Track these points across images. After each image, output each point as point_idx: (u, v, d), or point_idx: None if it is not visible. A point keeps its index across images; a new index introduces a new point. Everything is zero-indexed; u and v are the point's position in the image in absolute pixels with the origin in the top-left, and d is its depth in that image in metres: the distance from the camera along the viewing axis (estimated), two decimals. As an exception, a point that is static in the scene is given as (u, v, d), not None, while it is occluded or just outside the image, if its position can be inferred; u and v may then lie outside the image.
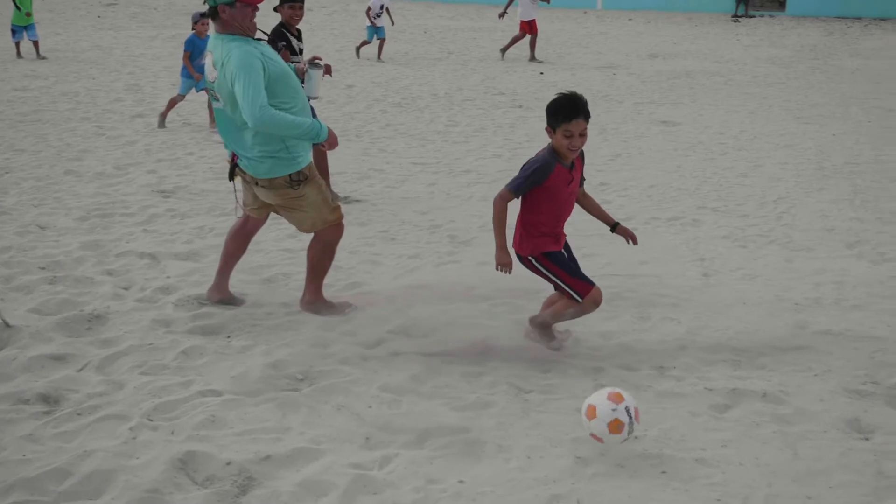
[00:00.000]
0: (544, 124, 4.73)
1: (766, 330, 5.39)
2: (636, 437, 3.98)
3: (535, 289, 5.95)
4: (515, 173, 4.80)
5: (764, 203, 8.25)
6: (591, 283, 4.79)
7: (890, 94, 15.12)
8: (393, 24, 19.95)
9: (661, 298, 5.86)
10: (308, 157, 5.21)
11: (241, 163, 5.16)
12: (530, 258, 4.84)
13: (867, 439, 4.17)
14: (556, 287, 4.86)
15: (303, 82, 6.16)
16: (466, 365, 4.82)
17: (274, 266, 6.30)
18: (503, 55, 18.82)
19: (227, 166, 5.27)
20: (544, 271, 4.83)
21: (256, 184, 5.18)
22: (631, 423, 3.83)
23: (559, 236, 4.87)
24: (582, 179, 4.87)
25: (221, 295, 5.54)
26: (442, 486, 3.72)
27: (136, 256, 6.39)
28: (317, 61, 5.27)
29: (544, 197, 4.69)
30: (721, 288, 6.09)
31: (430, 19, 26.98)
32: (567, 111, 4.49)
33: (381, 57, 17.96)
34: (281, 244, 6.77)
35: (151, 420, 4.14)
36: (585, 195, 5.01)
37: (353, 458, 3.90)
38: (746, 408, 4.42)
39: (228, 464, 3.80)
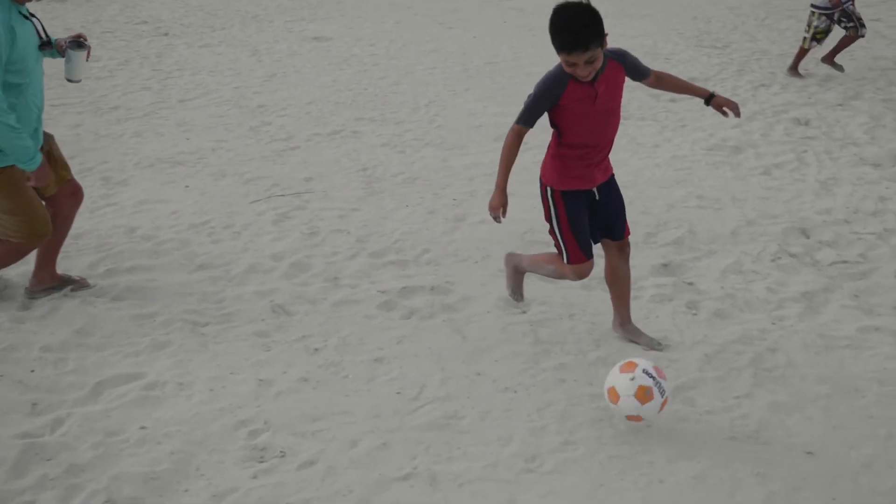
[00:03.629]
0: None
1: (429, 228, 5.67)
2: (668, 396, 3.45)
3: (200, 222, 5.80)
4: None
5: (417, 108, 8.56)
6: (587, 256, 3.95)
7: (521, -6, 16.15)
8: None
9: (328, 212, 5.94)
10: (8, 161, 4.24)
11: None
12: (548, 188, 3.95)
13: (524, 312, 4.56)
14: (550, 232, 4.03)
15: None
16: (137, 308, 4.61)
17: None
18: None
19: None
20: (551, 209, 3.95)
21: None
22: (658, 383, 3.36)
23: (596, 166, 3.89)
24: (639, 73, 3.89)
25: (53, 281, 4.77)
26: (123, 437, 3.57)
27: None
28: (80, 41, 4.46)
29: (567, 120, 3.75)
30: (384, 194, 6.29)
31: (54, -53, 24.64)
32: (560, 42, 3.51)
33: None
34: None
35: None
36: (659, 78, 4.00)
37: (20, 428, 3.62)
38: (417, 302, 4.65)
39: None
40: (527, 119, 3.76)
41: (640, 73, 3.92)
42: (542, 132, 3.96)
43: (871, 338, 4.29)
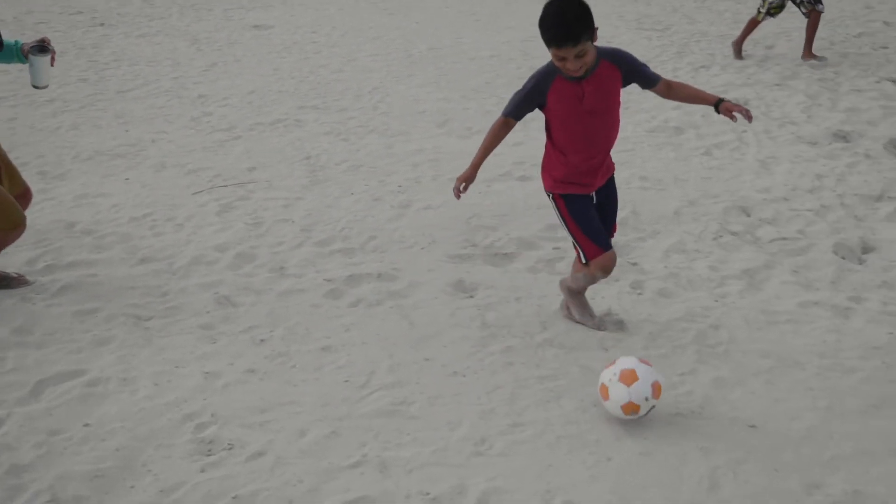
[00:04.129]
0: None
1: (374, 215, 5.64)
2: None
3: (142, 215, 5.71)
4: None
5: (360, 95, 8.52)
6: (603, 248, 3.90)
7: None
8: None
9: (272, 202, 5.89)
10: None
11: None
12: (549, 194, 3.95)
13: (471, 297, 4.57)
14: (571, 239, 4.00)
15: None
16: (78, 304, 4.52)
17: None
18: None
19: None
20: (557, 216, 3.97)
21: None
22: (649, 404, 3.41)
23: (589, 173, 3.85)
24: (643, 78, 3.80)
25: None
26: (66, 435, 3.50)
27: None
28: (44, 45, 4.30)
29: (554, 121, 3.75)
30: (328, 183, 6.25)
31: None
32: (550, 35, 3.48)
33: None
34: None
35: None
36: (670, 86, 3.87)
37: (-42, 430, 3.54)
38: (364, 290, 4.64)
39: None
40: (513, 112, 3.77)
41: (644, 78, 3.78)
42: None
43: (811, 312, 4.38)
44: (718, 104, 3.82)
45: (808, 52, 9.34)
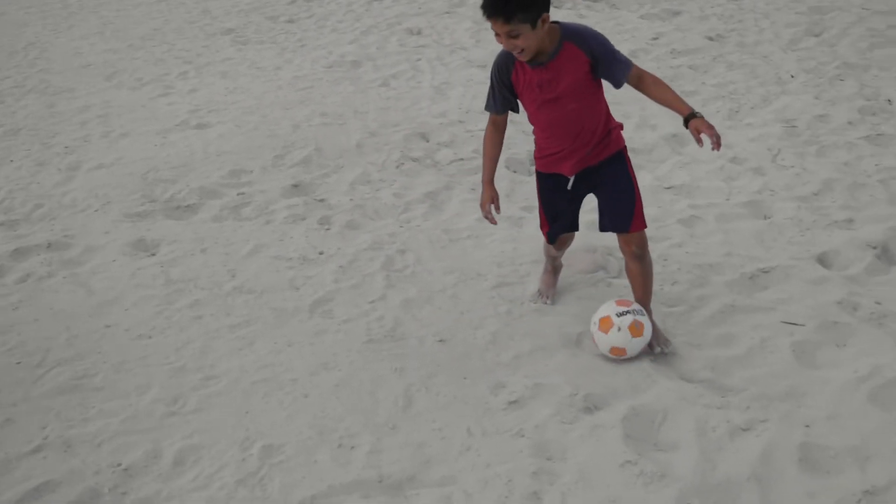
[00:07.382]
0: None
1: (39, 181, 5.21)
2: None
3: None
4: None
5: (14, 52, 7.80)
6: (549, 239, 3.67)
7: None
8: None
9: (-84, 179, 5.25)
10: None
11: None
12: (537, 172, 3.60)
13: (153, 254, 4.36)
14: None
15: None
16: None
17: None
18: None
19: None
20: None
21: None
22: (619, 358, 3.37)
23: (562, 160, 3.42)
24: (610, 69, 3.19)
25: None
26: None
27: None
28: None
29: (525, 107, 3.38)
30: None
31: None
32: (483, 2, 3.03)
33: None
34: None
35: None
36: (641, 80, 3.23)
37: None
38: (33, 263, 4.28)
39: None
40: (488, 103, 3.43)
41: (610, 66, 3.21)
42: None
43: (489, 226, 4.60)
44: (689, 118, 3.14)
45: None
